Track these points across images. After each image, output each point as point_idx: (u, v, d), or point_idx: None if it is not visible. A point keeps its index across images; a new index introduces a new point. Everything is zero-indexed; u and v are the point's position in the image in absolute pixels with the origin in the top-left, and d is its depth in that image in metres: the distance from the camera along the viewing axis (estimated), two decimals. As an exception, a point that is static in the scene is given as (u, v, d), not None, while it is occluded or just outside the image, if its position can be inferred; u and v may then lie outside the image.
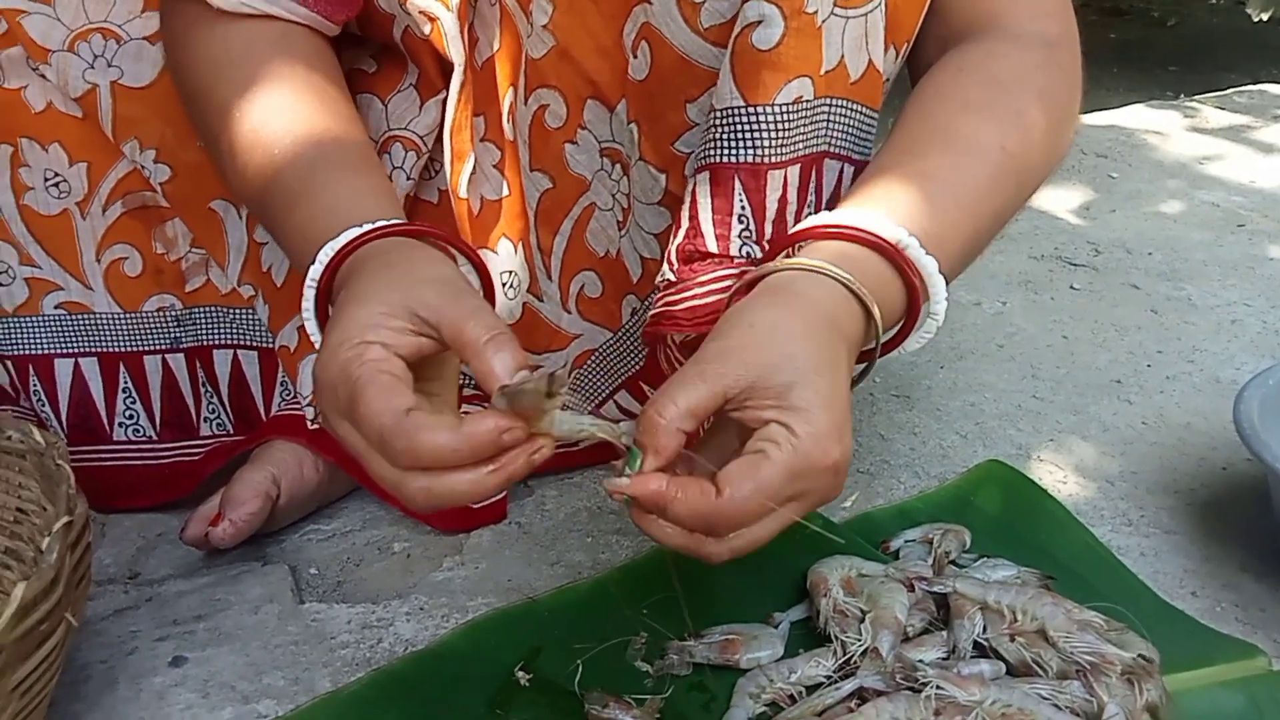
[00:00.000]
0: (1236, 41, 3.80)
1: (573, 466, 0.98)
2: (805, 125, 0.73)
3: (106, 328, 0.92)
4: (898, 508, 0.92)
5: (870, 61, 0.74)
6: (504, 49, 0.84)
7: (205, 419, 0.96)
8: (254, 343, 0.95)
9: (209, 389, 0.95)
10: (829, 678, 0.71)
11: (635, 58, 0.78)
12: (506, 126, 0.86)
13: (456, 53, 0.80)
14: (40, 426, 0.75)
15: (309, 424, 0.89)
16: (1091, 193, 1.68)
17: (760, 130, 0.71)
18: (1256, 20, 3.30)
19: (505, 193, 0.88)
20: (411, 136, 0.86)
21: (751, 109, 0.71)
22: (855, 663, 0.71)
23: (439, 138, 0.85)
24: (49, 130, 0.86)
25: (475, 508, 0.91)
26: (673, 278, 0.74)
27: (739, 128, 0.72)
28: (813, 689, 0.71)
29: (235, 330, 0.94)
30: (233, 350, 0.95)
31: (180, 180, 0.87)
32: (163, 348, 0.94)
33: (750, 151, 0.72)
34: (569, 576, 0.86)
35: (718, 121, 0.72)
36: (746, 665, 0.74)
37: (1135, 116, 2.05)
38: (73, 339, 0.92)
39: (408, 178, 0.86)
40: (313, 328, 0.67)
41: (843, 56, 0.72)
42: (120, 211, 0.89)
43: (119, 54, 0.84)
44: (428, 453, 0.55)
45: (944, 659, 0.72)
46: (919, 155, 0.70)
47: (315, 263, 0.65)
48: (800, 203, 0.74)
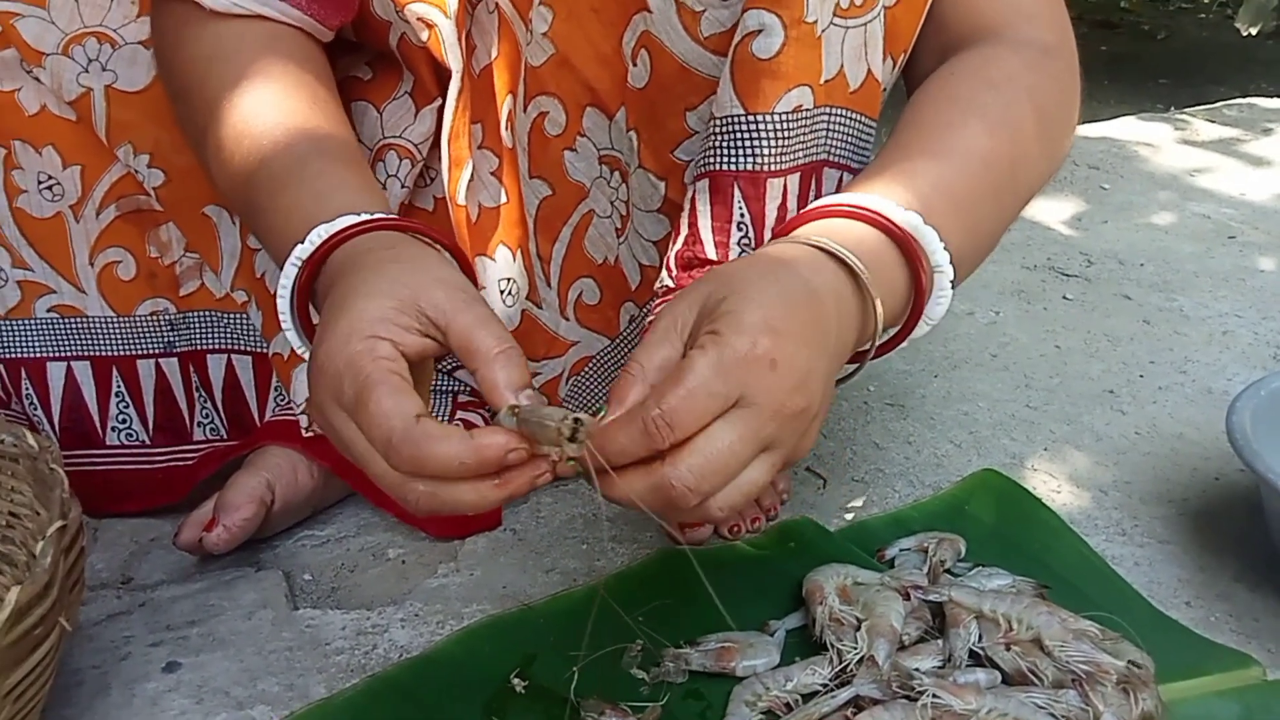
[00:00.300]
0: (1226, 55, 3.83)
1: (568, 474, 0.97)
2: (805, 134, 0.73)
3: (99, 331, 0.92)
4: (893, 516, 0.92)
5: (869, 71, 0.74)
6: (502, 56, 0.84)
7: (199, 424, 0.96)
8: (248, 348, 0.94)
9: (202, 394, 0.95)
10: (825, 686, 0.71)
11: (635, 66, 0.78)
12: (505, 134, 0.86)
13: (454, 60, 0.80)
14: (33, 430, 0.75)
15: (304, 431, 0.89)
16: (1083, 204, 1.69)
17: (760, 139, 0.72)
18: (1245, 34, 3.32)
19: (503, 200, 0.88)
20: (406, 144, 0.86)
21: (751, 117, 0.71)
22: (851, 671, 0.71)
23: (434, 145, 0.85)
24: (43, 133, 0.86)
25: (470, 514, 0.91)
26: (671, 284, 0.74)
27: (739, 136, 0.72)
28: (809, 697, 0.71)
29: (229, 335, 0.94)
30: (226, 355, 0.95)
31: (174, 185, 0.87)
32: (156, 352, 0.93)
33: (750, 160, 0.72)
34: (564, 583, 0.86)
35: (717, 130, 0.73)
36: (742, 673, 0.74)
37: (1126, 128, 2.06)
38: (65, 342, 0.92)
39: (402, 185, 0.86)
40: (285, 305, 0.65)
41: (842, 66, 0.72)
42: (114, 215, 0.89)
43: (114, 58, 0.84)
44: (434, 463, 0.54)
45: (940, 668, 0.72)
46: (906, 156, 0.70)
47: (305, 242, 0.64)
48: (799, 211, 0.74)
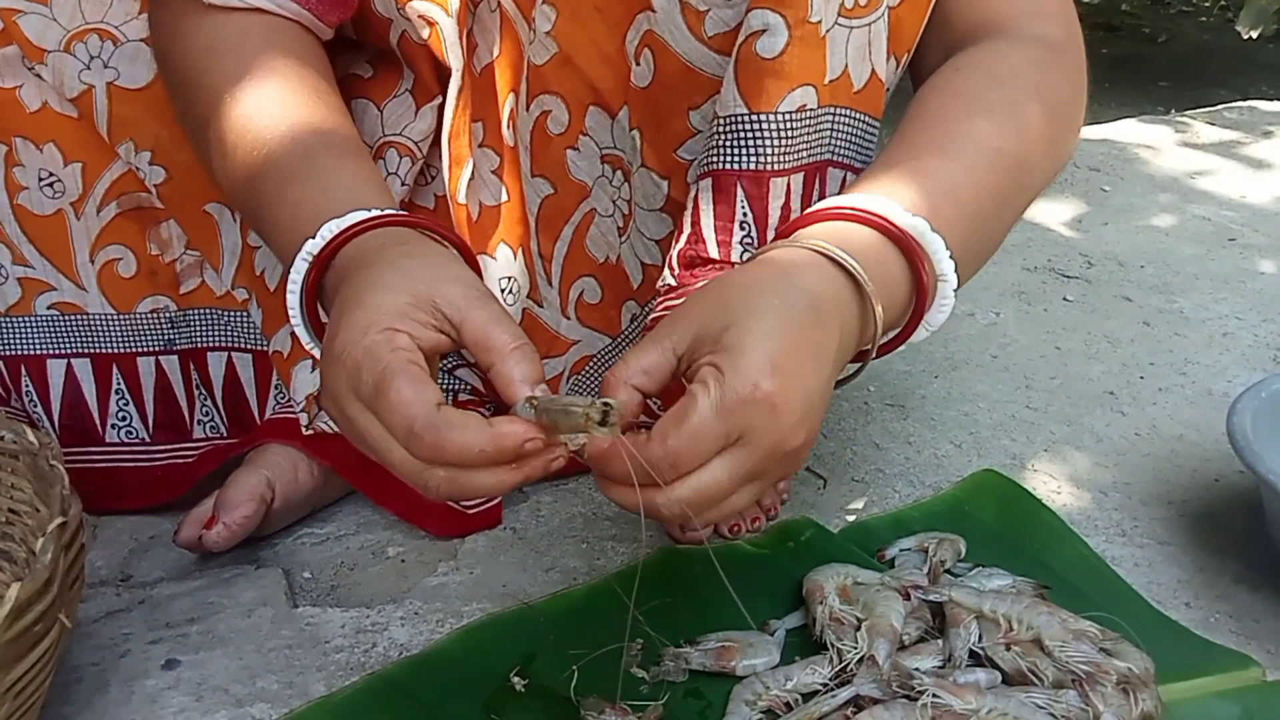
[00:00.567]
0: (1227, 58, 3.83)
1: (569, 473, 0.98)
2: (808, 134, 0.73)
3: (99, 329, 0.92)
4: (893, 516, 0.92)
5: (873, 71, 0.74)
6: (504, 55, 0.84)
7: (199, 421, 0.96)
8: (248, 345, 0.94)
9: (203, 391, 0.95)
10: (825, 685, 0.71)
11: (638, 65, 0.78)
12: (506, 132, 0.86)
13: (455, 58, 0.80)
14: (33, 427, 0.74)
15: (304, 429, 0.89)
16: (1084, 206, 1.69)
17: (763, 138, 0.71)
18: (1246, 37, 3.32)
19: (504, 198, 0.88)
20: (406, 142, 0.86)
21: (755, 117, 0.71)
22: (851, 670, 0.71)
23: (435, 143, 0.85)
24: (44, 130, 0.86)
25: (470, 513, 0.91)
26: (673, 282, 0.74)
27: (742, 135, 0.72)
28: (809, 696, 0.71)
29: (229, 333, 0.94)
30: (227, 353, 0.95)
31: (175, 182, 0.87)
32: (156, 349, 0.93)
33: (753, 159, 0.72)
34: (564, 582, 0.85)
35: (721, 129, 0.73)
36: (742, 672, 0.74)
37: (1127, 131, 2.06)
38: (65, 340, 0.92)
39: (402, 183, 0.86)
40: (295, 300, 0.66)
41: (846, 66, 0.72)
42: (115, 212, 0.89)
43: (115, 55, 0.84)
44: (454, 450, 0.55)
45: (940, 667, 0.72)
46: (912, 154, 0.70)
47: (315, 237, 0.64)
48: (802, 210, 0.74)
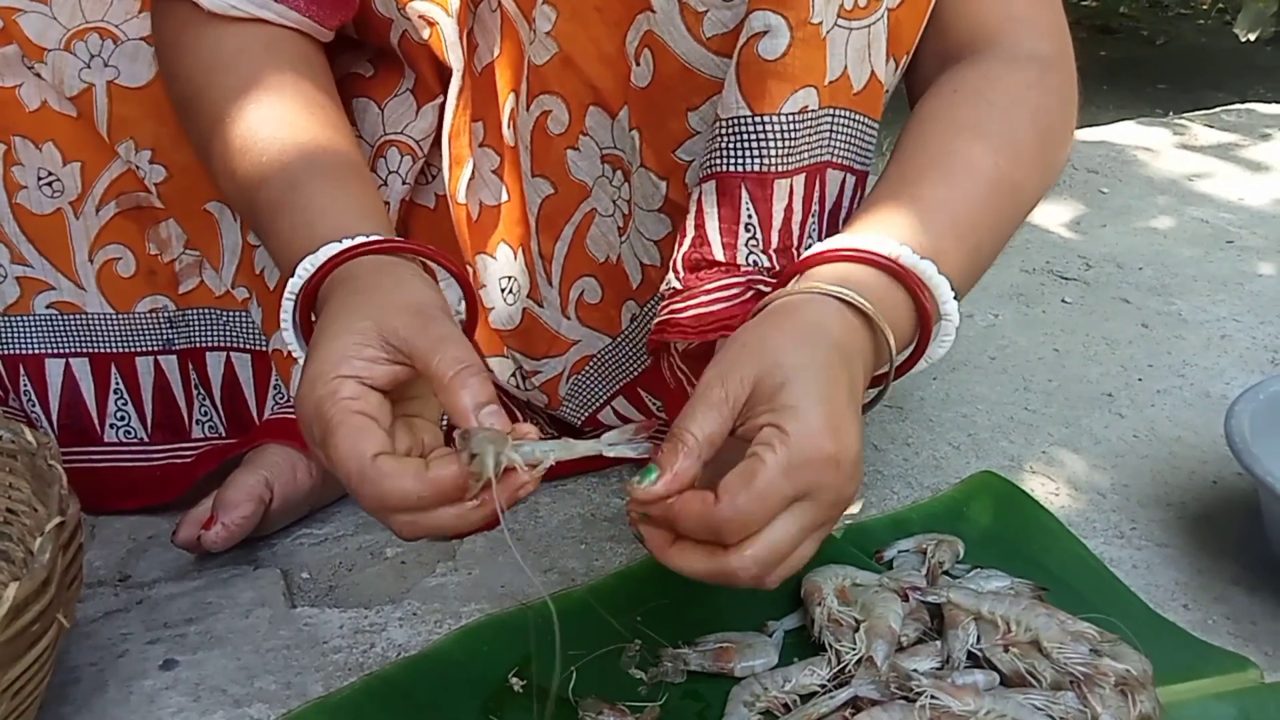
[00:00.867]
0: (1224, 60, 3.84)
1: (567, 474, 0.98)
2: (810, 135, 0.73)
3: (98, 328, 0.92)
4: (891, 518, 0.92)
5: (872, 72, 0.74)
6: (505, 55, 0.84)
7: (197, 421, 0.96)
8: (247, 345, 0.94)
9: (201, 391, 0.95)
10: (823, 686, 0.71)
11: (638, 66, 0.78)
12: (507, 132, 0.86)
13: (455, 58, 0.80)
14: (31, 427, 0.74)
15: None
16: (1082, 208, 1.69)
17: (766, 140, 0.72)
18: (1244, 40, 3.33)
19: (505, 198, 0.88)
20: (407, 141, 0.86)
21: (758, 118, 0.71)
22: (849, 672, 0.71)
23: (436, 142, 0.85)
24: (43, 129, 0.86)
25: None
26: (679, 285, 0.74)
27: (745, 137, 0.72)
28: (807, 698, 0.71)
29: (228, 333, 0.94)
30: (226, 353, 0.95)
31: (175, 181, 0.87)
32: (155, 349, 0.93)
33: (757, 160, 0.72)
34: (563, 583, 0.85)
35: (723, 131, 0.72)
36: (741, 673, 0.74)
37: (1125, 133, 2.06)
38: (64, 339, 0.92)
39: (403, 182, 0.86)
40: (290, 337, 0.68)
41: (846, 67, 0.72)
42: (114, 212, 0.89)
43: (115, 54, 0.84)
44: (394, 499, 0.57)
45: (938, 669, 0.72)
46: (913, 182, 0.71)
47: (295, 275, 0.66)
48: (805, 212, 0.75)
